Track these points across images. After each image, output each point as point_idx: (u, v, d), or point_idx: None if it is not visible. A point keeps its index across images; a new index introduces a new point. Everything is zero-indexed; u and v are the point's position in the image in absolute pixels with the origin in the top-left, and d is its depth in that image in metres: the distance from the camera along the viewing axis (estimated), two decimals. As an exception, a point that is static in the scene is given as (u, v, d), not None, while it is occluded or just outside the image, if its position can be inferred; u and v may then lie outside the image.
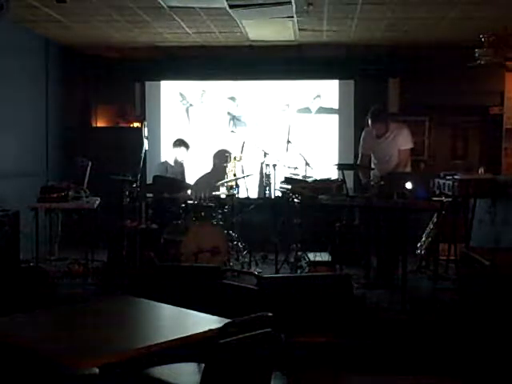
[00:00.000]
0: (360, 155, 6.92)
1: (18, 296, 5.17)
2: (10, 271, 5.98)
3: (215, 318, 3.02)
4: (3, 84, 7.01)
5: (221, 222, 7.06)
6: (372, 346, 4.74)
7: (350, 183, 7.27)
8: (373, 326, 5.01)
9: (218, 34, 7.77)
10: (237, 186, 7.38)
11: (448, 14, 6.72)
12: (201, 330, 2.82)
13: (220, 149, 9.00)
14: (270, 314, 2.82)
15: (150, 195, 7.21)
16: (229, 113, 9.34)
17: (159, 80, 9.49)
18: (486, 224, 6.37)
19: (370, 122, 6.55)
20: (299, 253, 6.81)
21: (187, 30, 7.58)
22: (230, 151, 7.88)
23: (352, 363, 4.43)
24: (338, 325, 4.09)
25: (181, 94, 9.50)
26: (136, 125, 9.33)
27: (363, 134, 6.86)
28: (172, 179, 7.41)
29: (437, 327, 5.01)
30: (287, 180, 6.96)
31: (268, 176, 7.35)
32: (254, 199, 8.30)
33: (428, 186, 6.50)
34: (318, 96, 9.30)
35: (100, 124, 9.69)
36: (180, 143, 7.77)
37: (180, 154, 7.73)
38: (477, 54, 6.94)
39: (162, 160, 8.52)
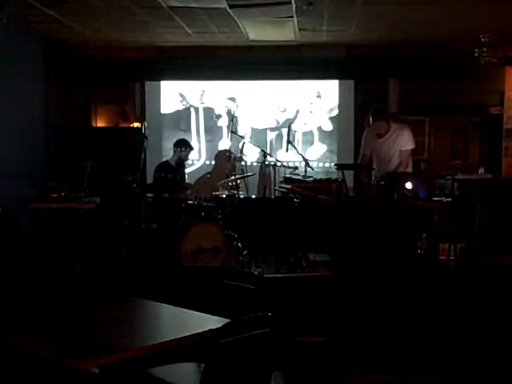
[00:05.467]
0: (360, 155, 6.92)
1: (18, 296, 5.17)
2: (11, 271, 5.98)
3: (215, 318, 3.01)
4: (3, 84, 7.01)
5: (221, 222, 7.06)
6: (372, 345, 4.74)
7: (349, 183, 7.26)
8: (373, 326, 5.01)
9: (218, 34, 7.77)
10: (237, 186, 7.38)
11: (448, 14, 6.72)
12: (201, 330, 2.82)
13: (220, 149, 9.02)
14: (270, 314, 2.81)
15: (150, 195, 7.21)
16: (229, 113, 9.35)
17: (159, 80, 9.49)
18: (485, 224, 6.38)
19: (371, 119, 6.55)
20: (299, 253, 6.81)
21: (187, 30, 7.58)
22: (231, 151, 7.88)
23: (352, 363, 4.43)
24: (337, 324, 4.10)
25: (181, 94, 9.50)
26: (136, 125, 9.33)
27: (364, 134, 6.86)
28: (172, 179, 7.41)
29: (437, 327, 5.01)
30: (287, 180, 6.96)
31: (268, 176, 7.35)
32: (254, 199, 8.30)
33: (428, 186, 6.50)
34: (318, 96, 9.31)
35: (100, 124, 9.69)
36: (182, 144, 7.78)
37: (182, 154, 7.73)
38: (477, 54, 6.94)
39: (163, 160, 8.52)
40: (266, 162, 7.36)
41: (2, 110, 7.00)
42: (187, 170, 8.54)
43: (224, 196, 7.27)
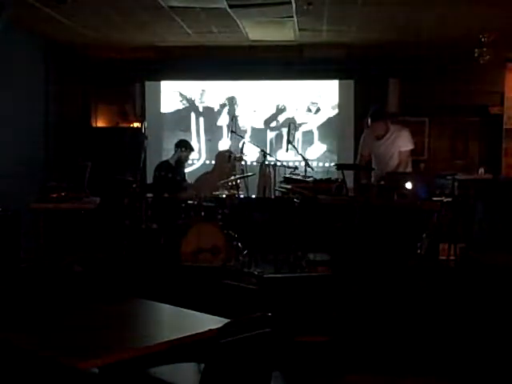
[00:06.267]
0: (359, 156, 6.92)
1: (17, 296, 5.16)
2: (10, 271, 5.97)
3: (215, 318, 3.02)
4: (3, 84, 7.01)
5: (221, 222, 7.06)
6: (372, 346, 4.74)
7: (349, 183, 7.26)
8: (373, 326, 5.01)
9: (217, 34, 7.77)
10: (237, 186, 7.38)
11: (448, 14, 6.72)
12: (201, 330, 2.82)
13: (220, 149, 9.03)
14: (270, 314, 2.81)
15: (150, 195, 7.22)
16: (229, 112, 9.35)
17: (159, 80, 9.49)
18: (485, 224, 6.38)
19: (369, 121, 6.55)
20: (299, 253, 6.81)
21: (187, 30, 7.58)
22: (231, 151, 7.89)
23: (352, 363, 4.43)
24: (337, 325, 4.09)
25: (181, 94, 9.50)
26: (136, 125, 9.33)
27: (363, 135, 6.86)
28: (172, 179, 7.41)
29: (437, 328, 5.01)
30: (287, 180, 6.96)
31: (268, 176, 7.35)
32: (254, 199, 8.30)
33: (428, 186, 6.50)
34: (318, 96, 9.31)
35: (100, 124, 9.69)
36: (183, 144, 7.78)
37: (182, 154, 7.73)
38: (477, 54, 6.94)
39: (163, 160, 8.52)
40: (266, 162, 7.36)
41: (2, 110, 7.00)
42: (187, 170, 8.54)
43: (224, 196, 7.27)
